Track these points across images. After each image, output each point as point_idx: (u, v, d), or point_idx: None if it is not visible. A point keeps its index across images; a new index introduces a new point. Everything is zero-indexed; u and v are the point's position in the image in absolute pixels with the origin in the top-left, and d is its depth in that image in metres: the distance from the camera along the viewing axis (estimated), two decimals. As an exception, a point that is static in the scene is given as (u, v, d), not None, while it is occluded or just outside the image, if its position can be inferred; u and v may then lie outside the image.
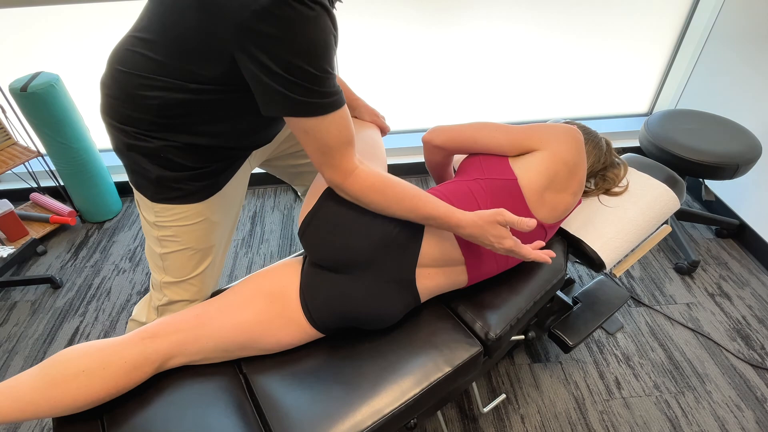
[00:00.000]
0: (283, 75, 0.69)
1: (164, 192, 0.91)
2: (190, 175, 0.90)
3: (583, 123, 1.25)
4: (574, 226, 1.19)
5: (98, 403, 0.83)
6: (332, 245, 0.90)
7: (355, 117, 1.20)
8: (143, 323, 1.10)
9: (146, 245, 1.03)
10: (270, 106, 0.75)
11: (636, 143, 2.27)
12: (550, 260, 0.87)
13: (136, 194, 0.95)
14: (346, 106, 0.79)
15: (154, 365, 0.86)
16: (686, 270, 1.73)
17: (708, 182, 2.02)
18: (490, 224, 0.85)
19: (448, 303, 1.06)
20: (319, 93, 0.73)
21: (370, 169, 0.84)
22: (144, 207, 0.96)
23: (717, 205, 1.98)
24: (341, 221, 0.89)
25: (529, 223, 0.82)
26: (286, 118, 0.77)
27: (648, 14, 2.01)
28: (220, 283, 1.19)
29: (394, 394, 0.89)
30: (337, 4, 0.85)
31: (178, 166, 0.88)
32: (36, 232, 1.93)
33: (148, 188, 0.91)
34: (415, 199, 0.85)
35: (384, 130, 1.23)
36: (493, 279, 1.08)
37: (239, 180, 1.05)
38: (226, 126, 0.86)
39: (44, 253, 1.91)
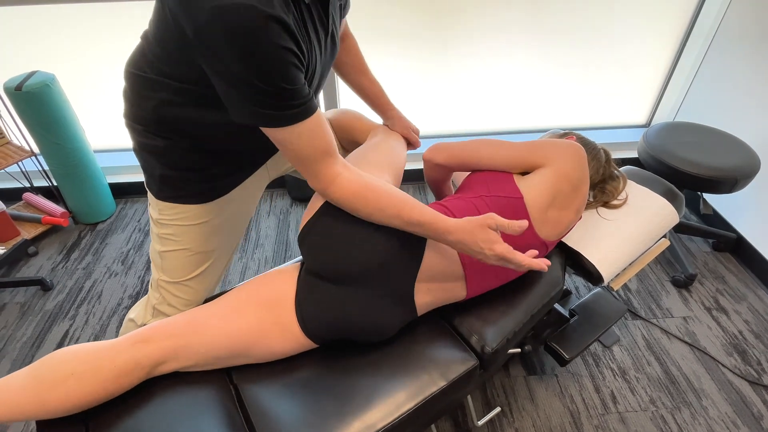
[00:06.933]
0: (237, 85, 0.69)
1: (168, 190, 0.93)
2: (194, 176, 0.92)
3: (582, 133, 1.24)
4: (572, 238, 1.18)
5: (86, 407, 0.82)
6: (332, 254, 0.88)
7: (387, 126, 1.22)
8: (138, 322, 1.10)
9: (151, 243, 1.05)
10: (233, 112, 0.74)
11: (634, 154, 2.27)
12: (546, 268, 0.80)
13: (148, 192, 0.99)
14: (317, 115, 0.77)
15: (145, 370, 0.84)
16: (683, 283, 1.73)
17: (706, 196, 2.02)
18: (479, 228, 0.80)
19: (444, 316, 1.05)
20: (277, 105, 0.71)
21: (355, 176, 0.83)
22: (150, 204, 0.99)
23: (714, 219, 1.98)
24: (343, 230, 0.88)
25: (521, 225, 0.78)
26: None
27: (648, 26, 2.02)
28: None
29: (387, 408, 0.87)
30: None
31: (182, 166, 0.90)
32: (28, 232, 1.91)
33: (153, 185, 0.94)
34: (400, 205, 0.82)
35: (413, 145, 1.23)
36: (490, 291, 1.06)
37: (251, 187, 1.05)
38: (219, 129, 0.85)
39: (35, 254, 1.89)
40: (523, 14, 1.93)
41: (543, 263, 0.80)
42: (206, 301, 1.07)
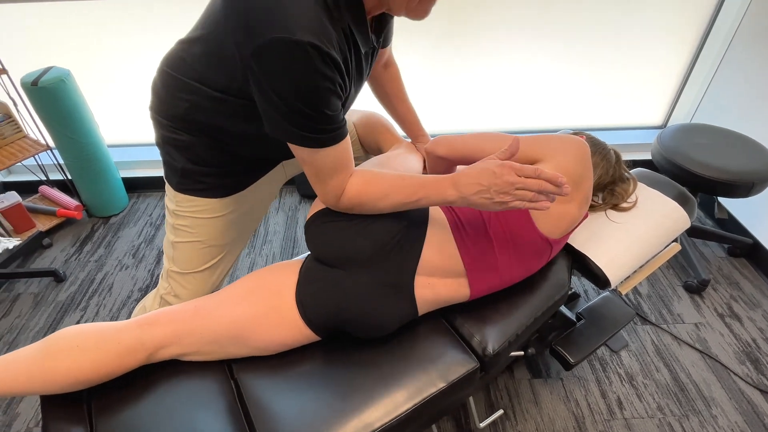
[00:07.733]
0: (280, 105, 0.72)
1: (187, 183, 0.96)
2: (214, 171, 0.95)
3: (594, 134, 1.22)
4: (579, 240, 1.16)
5: (87, 384, 0.84)
6: (334, 240, 0.91)
7: (413, 144, 1.25)
8: (147, 309, 1.12)
9: (165, 233, 1.08)
10: (270, 128, 0.78)
11: (648, 156, 2.22)
12: (561, 178, 0.74)
13: (166, 184, 1.01)
14: (347, 139, 0.81)
15: (147, 352, 0.86)
16: (696, 289, 1.69)
17: (721, 199, 1.98)
18: (484, 161, 0.80)
19: (446, 316, 1.04)
20: (315, 129, 0.75)
21: (354, 178, 0.85)
22: (168, 195, 1.02)
23: (730, 223, 1.93)
24: (347, 219, 0.91)
25: (514, 144, 0.80)
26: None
27: (666, 26, 1.97)
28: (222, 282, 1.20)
29: (386, 407, 0.87)
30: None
31: (204, 161, 0.93)
32: (43, 224, 1.95)
33: (173, 178, 0.97)
34: (398, 179, 0.85)
35: None
36: (494, 292, 1.05)
37: (267, 185, 1.08)
38: (248, 137, 0.89)
39: (50, 246, 1.93)
40: (537, 12, 1.91)
41: (556, 173, 0.75)
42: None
